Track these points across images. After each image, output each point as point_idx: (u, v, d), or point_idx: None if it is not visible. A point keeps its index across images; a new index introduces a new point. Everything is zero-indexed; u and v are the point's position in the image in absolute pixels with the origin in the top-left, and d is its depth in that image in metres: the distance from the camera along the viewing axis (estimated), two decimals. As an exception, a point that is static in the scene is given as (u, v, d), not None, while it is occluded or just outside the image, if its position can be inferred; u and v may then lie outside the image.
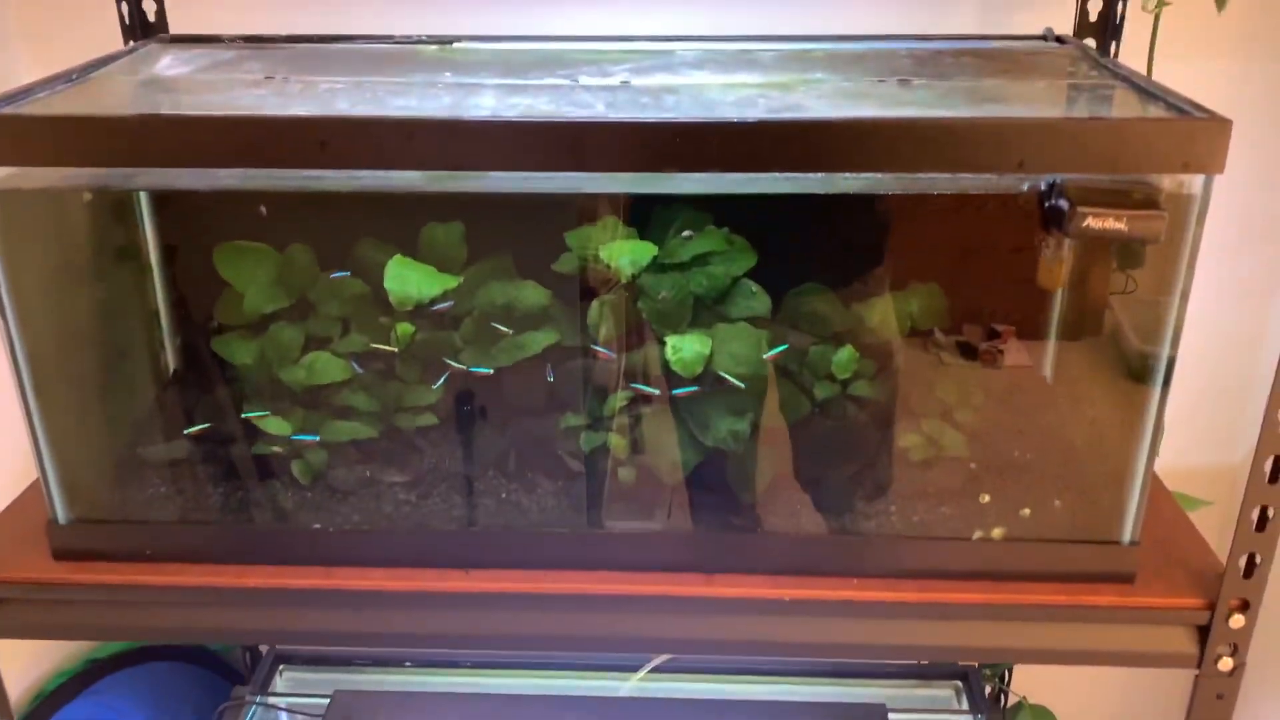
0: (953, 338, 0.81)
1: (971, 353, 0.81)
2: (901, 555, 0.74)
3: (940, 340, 0.81)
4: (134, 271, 0.86)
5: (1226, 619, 0.71)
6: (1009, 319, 0.80)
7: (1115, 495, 0.73)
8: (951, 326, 0.81)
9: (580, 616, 0.75)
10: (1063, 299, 0.80)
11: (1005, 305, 0.80)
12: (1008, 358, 0.80)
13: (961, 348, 0.81)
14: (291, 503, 0.79)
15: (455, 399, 0.82)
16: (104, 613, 0.77)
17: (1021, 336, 0.80)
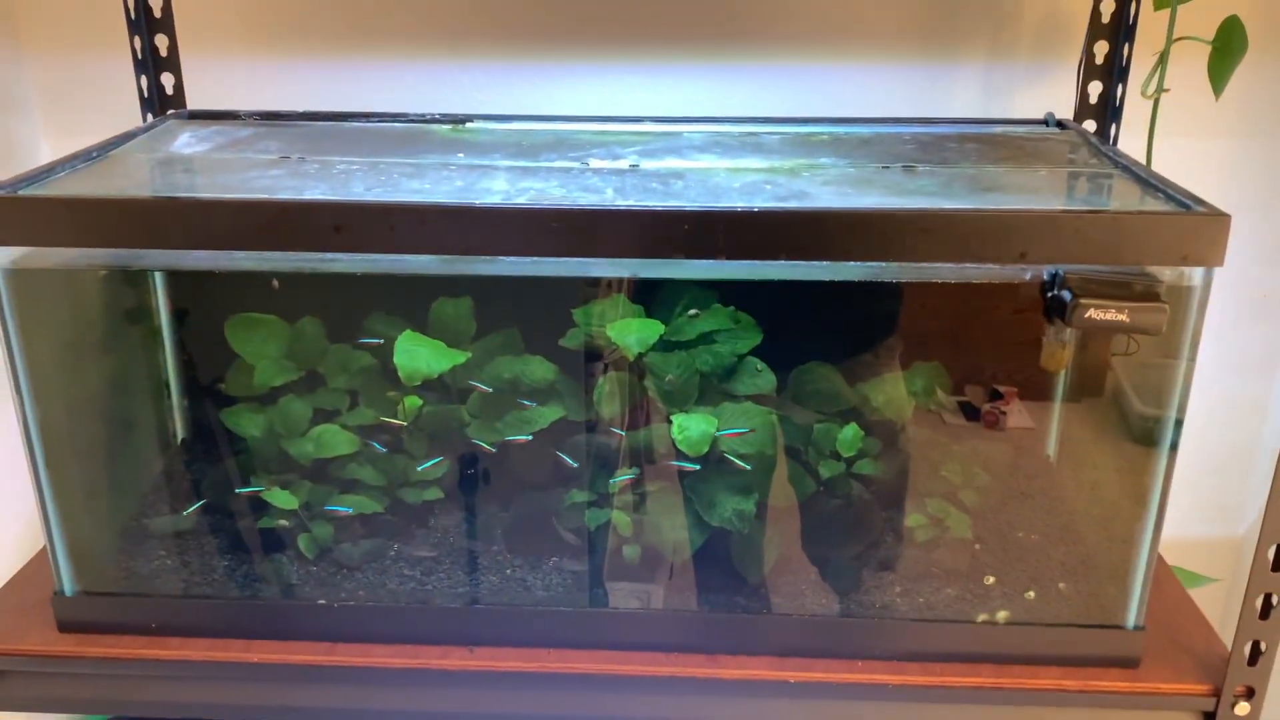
0: (954, 398, 0.82)
1: (974, 414, 0.81)
2: (906, 638, 0.74)
3: (943, 401, 0.81)
4: (145, 344, 0.87)
5: (1232, 707, 0.71)
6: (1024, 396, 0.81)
7: (1120, 582, 0.73)
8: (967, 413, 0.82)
9: (582, 696, 0.74)
10: (1065, 386, 0.81)
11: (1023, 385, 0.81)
12: (1011, 438, 0.81)
13: (964, 409, 0.82)
14: (296, 577, 0.79)
15: (461, 474, 0.83)
16: (108, 686, 0.76)
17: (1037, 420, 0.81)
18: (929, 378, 0.80)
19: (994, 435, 0.82)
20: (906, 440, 0.81)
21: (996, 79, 1.03)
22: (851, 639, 0.74)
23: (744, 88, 0.99)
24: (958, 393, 0.82)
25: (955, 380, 0.81)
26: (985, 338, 0.79)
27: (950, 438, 0.82)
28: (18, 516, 0.93)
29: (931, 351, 0.80)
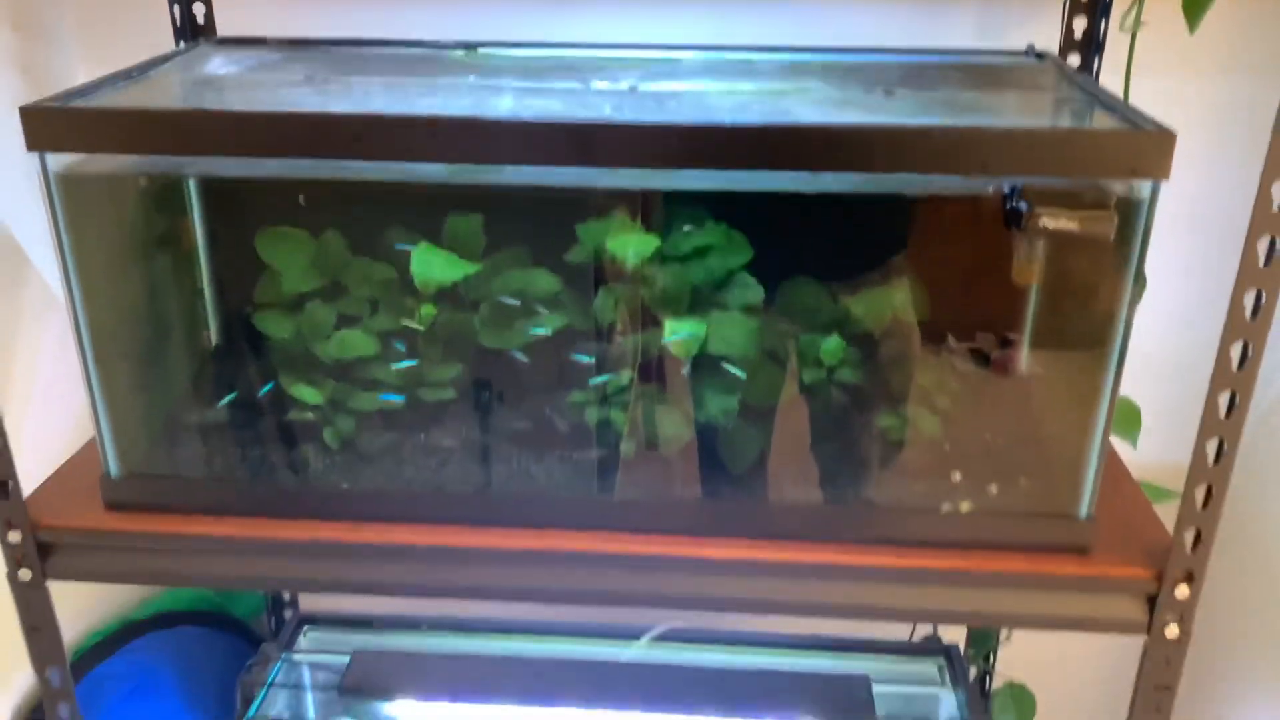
0: (965, 344, 0.87)
1: (982, 359, 0.87)
2: (877, 525, 0.81)
3: (951, 346, 0.87)
4: (182, 254, 0.93)
5: (1173, 589, 0.77)
6: (984, 313, 0.87)
7: (1073, 477, 0.79)
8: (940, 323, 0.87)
9: (581, 572, 0.82)
10: (1036, 296, 0.87)
11: (982, 299, 0.87)
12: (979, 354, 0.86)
13: (974, 355, 0.88)
14: (321, 464, 0.86)
15: (473, 376, 0.89)
16: (149, 559, 0.84)
17: (996, 330, 0.86)
18: (907, 292, 0.86)
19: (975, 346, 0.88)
20: (884, 350, 0.87)
21: (991, 16, 1.08)
22: (826, 525, 0.81)
23: (743, 20, 1.04)
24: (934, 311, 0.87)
25: (932, 295, 0.86)
26: (959, 255, 0.85)
27: (926, 350, 0.88)
28: (69, 412, 1.01)
29: (910, 267, 0.85)
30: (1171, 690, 0.81)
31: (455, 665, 1.12)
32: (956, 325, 0.87)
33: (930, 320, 0.85)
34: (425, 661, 1.13)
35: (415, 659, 1.13)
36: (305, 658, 1.18)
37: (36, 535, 0.83)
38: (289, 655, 1.18)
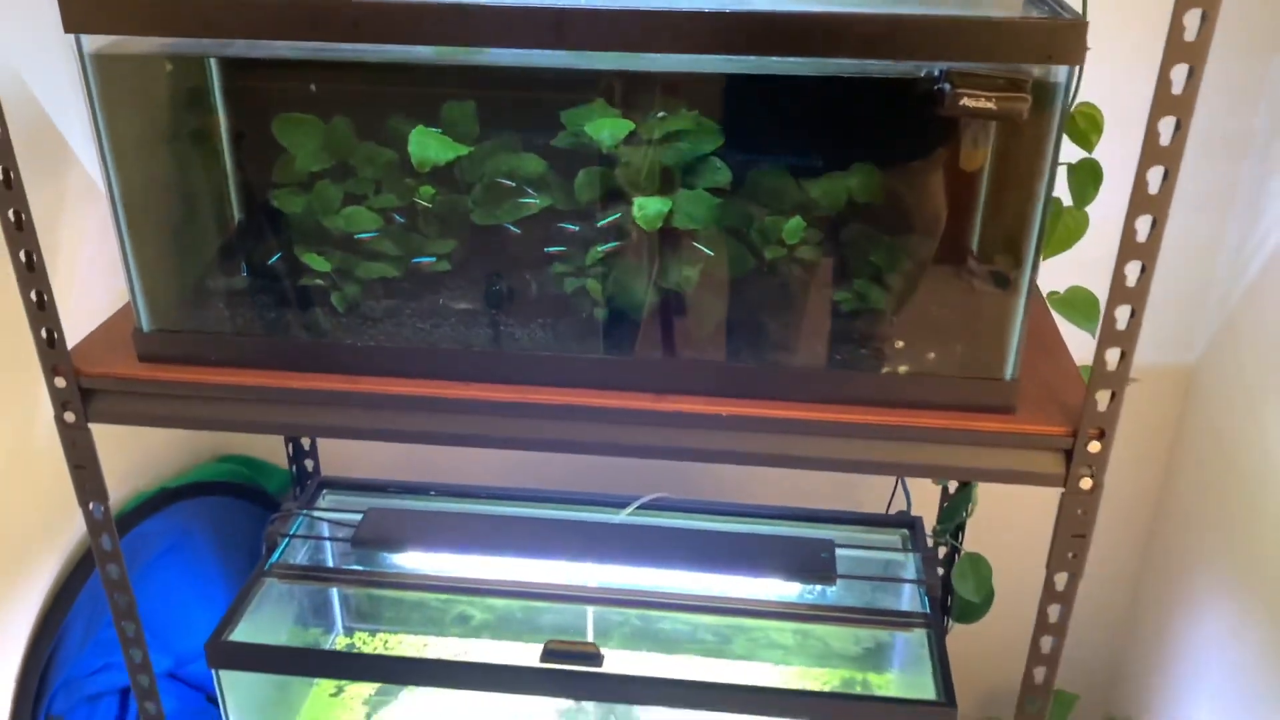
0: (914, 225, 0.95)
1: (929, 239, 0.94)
2: (824, 384, 0.90)
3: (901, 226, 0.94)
4: (206, 136, 1.03)
5: (1086, 445, 0.86)
6: (936, 197, 0.94)
7: (999, 342, 0.87)
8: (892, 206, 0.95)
9: (555, 423, 0.92)
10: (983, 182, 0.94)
11: (933, 184, 0.94)
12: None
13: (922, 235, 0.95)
14: (329, 325, 0.96)
15: (466, 250, 0.99)
16: (175, 406, 0.95)
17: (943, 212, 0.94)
18: (863, 177, 0.94)
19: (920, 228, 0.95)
20: (841, 230, 0.95)
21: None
22: (778, 384, 0.90)
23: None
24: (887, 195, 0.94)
25: (886, 180, 0.94)
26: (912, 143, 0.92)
27: (882, 229, 0.95)
28: (107, 290, 1.11)
29: (866, 154, 0.93)
30: (1086, 539, 0.90)
31: (457, 523, 1.23)
32: (908, 207, 0.95)
33: (883, 203, 0.93)
34: (431, 519, 1.24)
35: (422, 517, 1.25)
36: (323, 514, 1.30)
37: (79, 382, 0.94)
38: (309, 512, 1.30)
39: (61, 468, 1.06)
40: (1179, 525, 1.52)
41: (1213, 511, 1.40)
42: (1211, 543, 1.40)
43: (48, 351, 0.93)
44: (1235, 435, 1.35)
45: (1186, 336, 1.48)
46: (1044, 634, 0.95)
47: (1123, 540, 1.62)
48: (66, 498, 1.26)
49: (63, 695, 1.30)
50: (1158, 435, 1.54)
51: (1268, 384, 1.27)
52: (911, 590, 1.19)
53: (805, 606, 1.13)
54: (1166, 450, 1.55)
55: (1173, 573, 1.53)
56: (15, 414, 1.26)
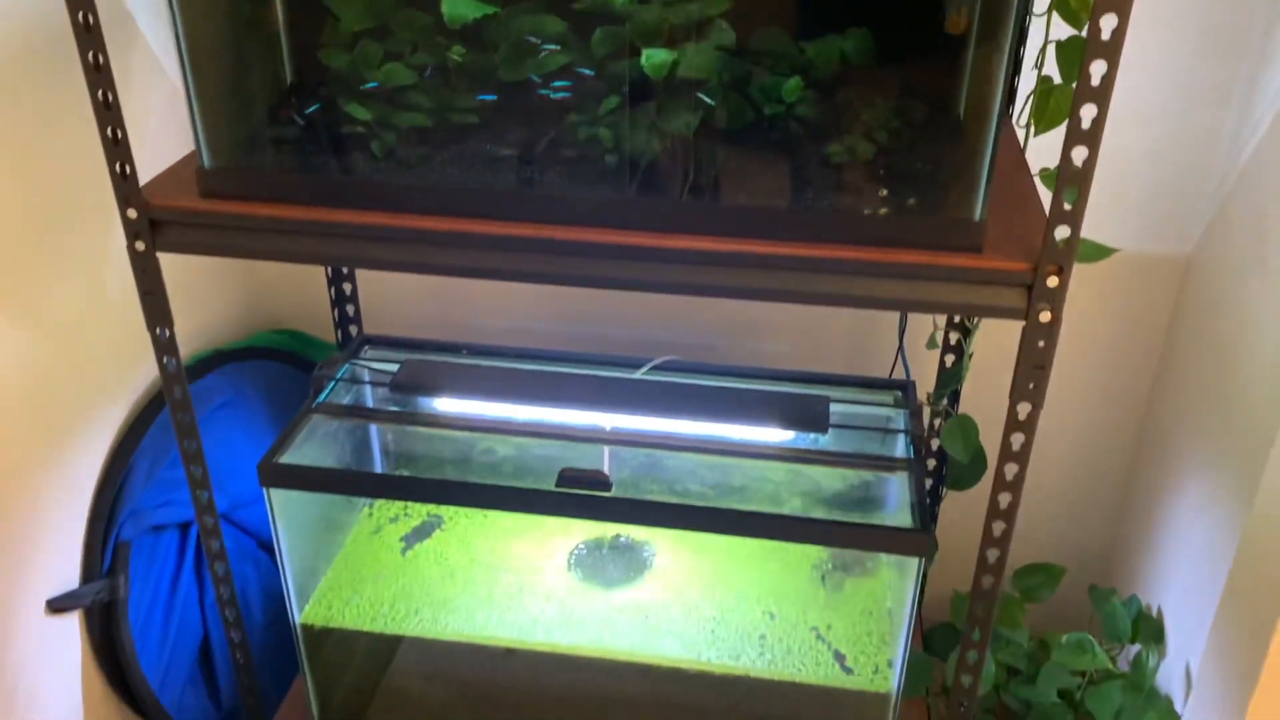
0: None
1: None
2: (812, 225, 0.99)
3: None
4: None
5: (1045, 280, 0.95)
6: (923, 58, 1.02)
7: (970, 187, 0.96)
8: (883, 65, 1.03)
9: (569, 259, 1.02)
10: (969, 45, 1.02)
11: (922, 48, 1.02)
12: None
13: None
14: (370, 169, 1.07)
15: (492, 102, 1.09)
16: (233, 237, 1.07)
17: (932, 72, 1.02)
18: (858, 40, 1.02)
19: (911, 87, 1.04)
20: (836, 90, 1.04)
21: None
22: (771, 224, 1.00)
23: None
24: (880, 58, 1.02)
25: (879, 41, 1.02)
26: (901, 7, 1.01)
27: (874, 90, 1.04)
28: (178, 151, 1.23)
29: (860, 18, 1.01)
30: (1045, 370, 0.99)
31: (488, 374, 1.35)
32: (898, 69, 1.03)
33: (875, 64, 1.01)
34: (463, 370, 1.36)
35: (455, 368, 1.36)
36: (366, 364, 1.42)
37: (149, 214, 1.06)
38: (353, 363, 1.42)
39: (131, 320, 1.19)
40: (1171, 409, 1.59)
41: (1204, 396, 1.47)
42: (1197, 424, 1.48)
43: (121, 184, 1.05)
44: (1225, 321, 1.42)
45: (1182, 227, 1.55)
46: (1007, 461, 1.04)
47: (1118, 424, 1.70)
48: (135, 348, 1.41)
49: (130, 524, 1.45)
50: (1154, 323, 1.62)
51: (1257, 269, 1.34)
52: (901, 442, 1.29)
53: (798, 450, 1.24)
54: (1162, 338, 1.63)
55: (1164, 453, 1.61)
56: (89, 267, 1.39)
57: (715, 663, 1.29)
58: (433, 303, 1.76)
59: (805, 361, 1.68)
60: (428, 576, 1.42)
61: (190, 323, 1.60)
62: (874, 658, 1.30)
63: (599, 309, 1.72)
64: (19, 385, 1.29)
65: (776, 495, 1.28)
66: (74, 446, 1.39)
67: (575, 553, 1.45)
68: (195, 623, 1.56)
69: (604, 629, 1.34)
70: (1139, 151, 1.51)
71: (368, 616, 1.38)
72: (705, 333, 1.70)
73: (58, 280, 1.33)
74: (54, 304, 1.33)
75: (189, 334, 1.60)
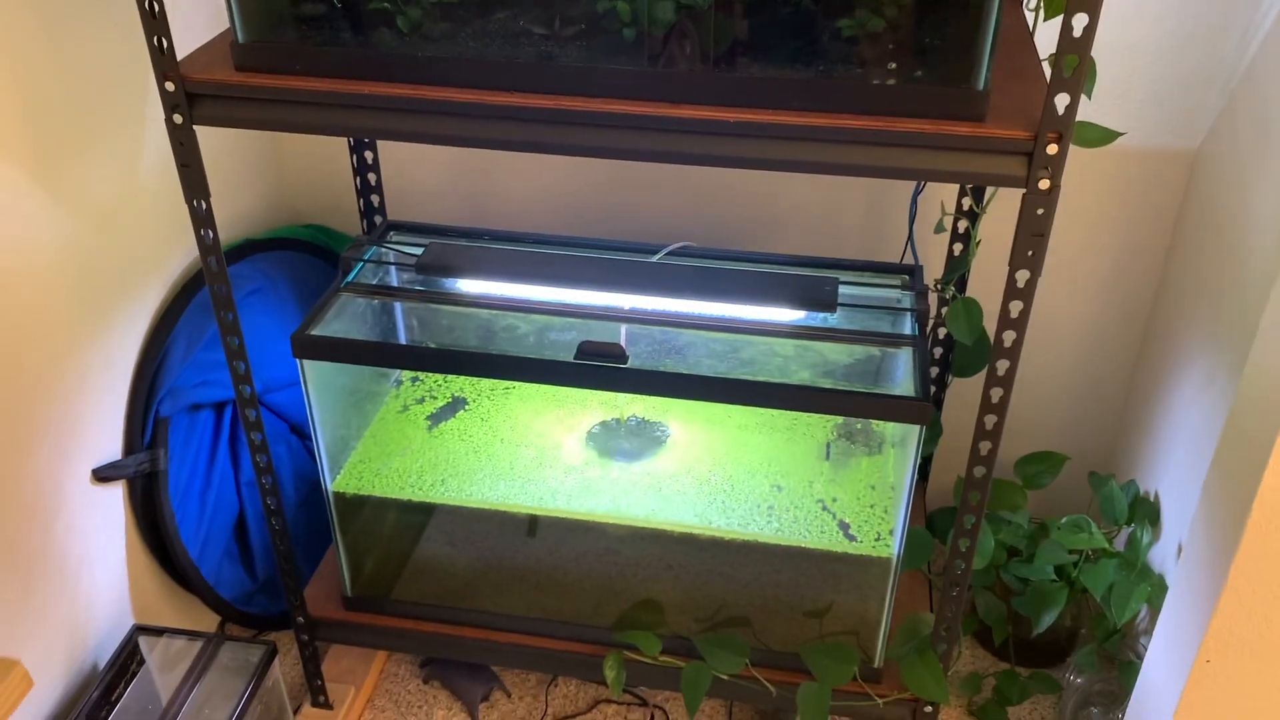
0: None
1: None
2: (822, 94, 1.03)
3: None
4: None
5: (1045, 147, 0.99)
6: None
7: (973, 56, 0.99)
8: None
9: (585, 130, 1.06)
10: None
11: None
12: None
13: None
14: (396, 44, 1.11)
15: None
16: (267, 110, 1.11)
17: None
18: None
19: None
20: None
21: None
22: (782, 93, 1.03)
23: None
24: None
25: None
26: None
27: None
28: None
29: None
30: (1044, 238, 1.03)
31: (508, 257, 1.40)
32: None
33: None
34: (486, 253, 1.41)
35: (477, 251, 1.41)
36: (392, 246, 1.47)
37: (185, 87, 1.11)
38: (379, 246, 1.48)
39: (165, 205, 1.23)
40: (1176, 300, 1.63)
41: (1209, 286, 1.51)
42: (1200, 312, 1.52)
43: (159, 58, 1.09)
44: (1229, 212, 1.45)
45: (1191, 122, 1.57)
46: (1006, 329, 1.09)
47: (1126, 316, 1.74)
48: (171, 232, 1.46)
49: (169, 401, 1.52)
50: (1162, 217, 1.65)
51: (1260, 164, 1.37)
52: (907, 321, 1.33)
53: (807, 328, 1.29)
54: (1169, 231, 1.66)
55: (1167, 344, 1.65)
56: (124, 157, 1.44)
57: (725, 529, 1.36)
58: (455, 192, 1.80)
59: (818, 250, 1.72)
60: (453, 451, 1.48)
61: (221, 213, 1.65)
62: (877, 527, 1.36)
63: (617, 198, 1.77)
64: (61, 266, 1.35)
65: (785, 369, 1.33)
66: (114, 326, 1.46)
67: (593, 430, 1.51)
68: (231, 498, 1.64)
69: (620, 499, 1.41)
70: (1147, 45, 1.53)
71: (396, 486, 1.45)
72: (720, 221, 1.74)
73: (95, 163, 1.39)
74: (92, 186, 1.39)
75: (220, 223, 1.65)
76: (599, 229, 1.79)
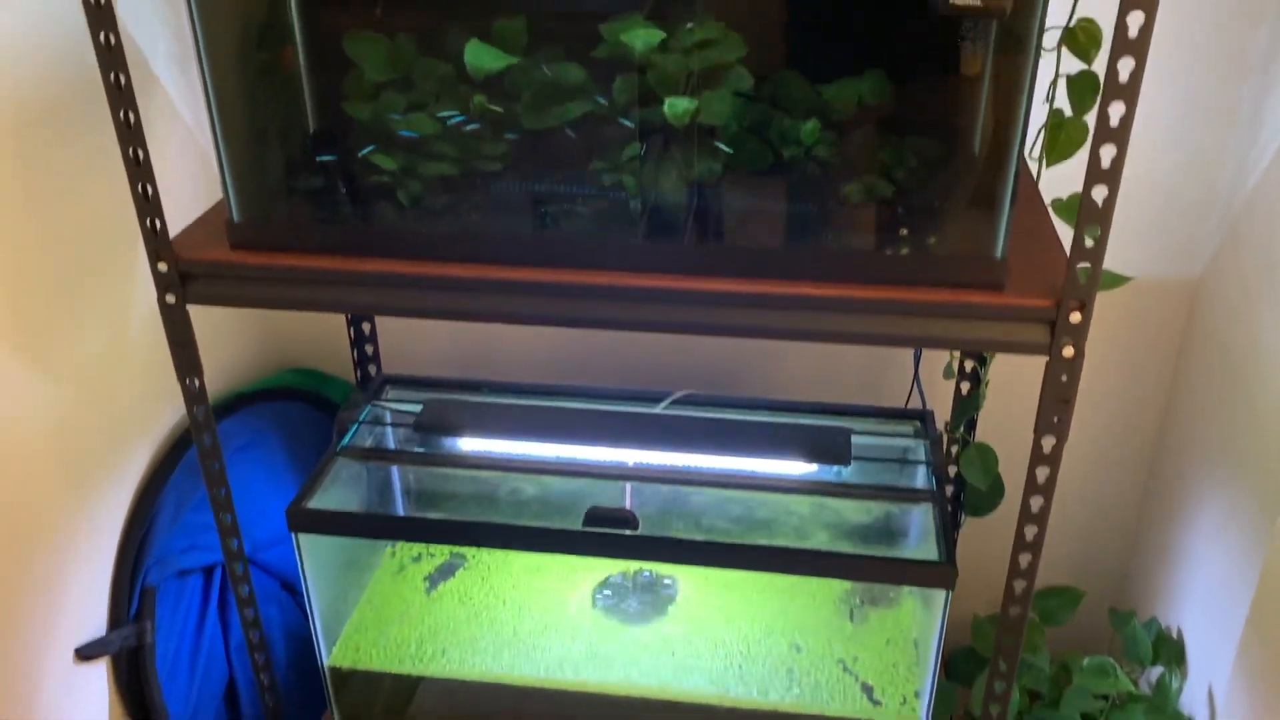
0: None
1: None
2: (833, 265, 1.01)
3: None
4: (287, 51, 1.15)
5: (1068, 316, 0.96)
6: (939, 98, 1.04)
7: (990, 225, 0.98)
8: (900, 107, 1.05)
9: (592, 302, 1.03)
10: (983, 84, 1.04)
11: (938, 88, 1.04)
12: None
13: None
14: (395, 217, 1.09)
15: (515, 150, 1.10)
16: (264, 288, 1.08)
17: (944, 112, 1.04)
18: (874, 82, 1.04)
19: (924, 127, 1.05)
20: (854, 131, 1.05)
21: None
22: (796, 265, 1.01)
23: None
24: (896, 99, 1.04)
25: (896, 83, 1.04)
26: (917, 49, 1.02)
27: (891, 130, 1.06)
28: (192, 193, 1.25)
29: (876, 59, 1.03)
30: (1069, 404, 1.01)
31: (510, 413, 1.36)
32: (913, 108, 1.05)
33: (892, 104, 1.03)
34: (486, 409, 1.37)
35: (478, 407, 1.37)
36: (388, 405, 1.43)
37: (179, 266, 1.08)
38: (375, 404, 1.43)
39: (153, 364, 1.19)
40: (1184, 431, 1.61)
41: (1216, 416, 1.49)
42: (1212, 445, 1.49)
43: (152, 239, 1.06)
44: (1236, 342, 1.44)
45: (1191, 250, 1.56)
46: (1033, 494, 1.06)
47: (1131, 447, 1.71)
48: (158, 390, 1.42)
49: (156, 569, 1.46)
50: (1164, 346, 1.63)
51: (1266, 293, 1.35)
52: (922, 474, 1.30)
53: (821, 483, 1.25)
54: (1173, 360, 1.64)
55: (1178, 475, 1.62)
56: (112, 312, 1.40)
57: (743, 698, 1.30)
58: (451, 339, 1.77)
59: (820, 387, 1.69)
60: (453, 616, 1.43)
61: (208, 365, 1.61)
62: (901, 689, 1.30)
63: (616, 341, 1.74)
64: (45, 432, 1.30)
65: (802, 529, 1.29)
66: (99, 493, 1.40)
67: (599, 590, 1.46)
68: (221, 665, 1.57)
69: (630, 666, 1.35)
70: (1145, 175, 1.53)
71: (395, 658, 1.39)
72: (721, 360, 1.71)
73: (81, 327, 1.35)
74: (78, 351, 1.35)
75: (207, 377, 1.61)
76: (598, 370, 1.76)
